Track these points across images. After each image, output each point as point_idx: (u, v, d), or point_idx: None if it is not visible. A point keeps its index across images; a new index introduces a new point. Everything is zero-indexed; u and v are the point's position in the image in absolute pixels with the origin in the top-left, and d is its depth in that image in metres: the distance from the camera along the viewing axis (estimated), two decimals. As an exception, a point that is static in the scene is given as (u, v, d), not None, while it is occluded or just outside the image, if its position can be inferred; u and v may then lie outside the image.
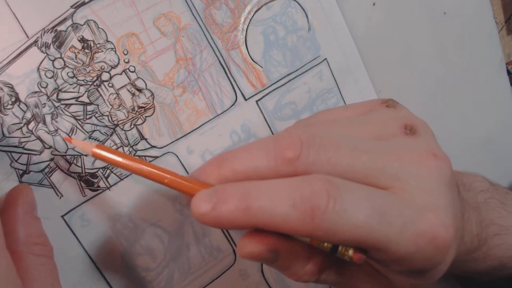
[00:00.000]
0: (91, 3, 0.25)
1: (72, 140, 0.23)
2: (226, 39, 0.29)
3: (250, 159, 0.20)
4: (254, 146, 0.21)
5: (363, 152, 0.21)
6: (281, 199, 0.19)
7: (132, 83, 0.27)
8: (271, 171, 0.20)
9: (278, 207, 0.19)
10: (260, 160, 0.20)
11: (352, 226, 0.19)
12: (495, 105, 0.39)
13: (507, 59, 0.40)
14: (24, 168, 0.25)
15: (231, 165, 0.21)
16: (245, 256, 0.21)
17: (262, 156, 0.20)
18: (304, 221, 0.19)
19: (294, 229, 0.19)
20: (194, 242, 0.29)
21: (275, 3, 0.30)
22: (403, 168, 0.20)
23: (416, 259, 0.20)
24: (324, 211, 0.19)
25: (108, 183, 0.27)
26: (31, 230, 0.23)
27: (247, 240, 0.21)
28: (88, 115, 0.26)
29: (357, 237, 0.19)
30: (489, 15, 0.38)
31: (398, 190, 0.20)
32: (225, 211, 0.19)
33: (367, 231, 0.19)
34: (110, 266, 0.27)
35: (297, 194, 0.19)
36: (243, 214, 0.19)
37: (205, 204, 0.20)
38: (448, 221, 0.20)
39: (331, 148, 0.20)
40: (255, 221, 0.19)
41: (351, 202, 0.19)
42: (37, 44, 0.24)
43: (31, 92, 0.24)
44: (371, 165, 0.20)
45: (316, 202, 0.19)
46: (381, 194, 0.20)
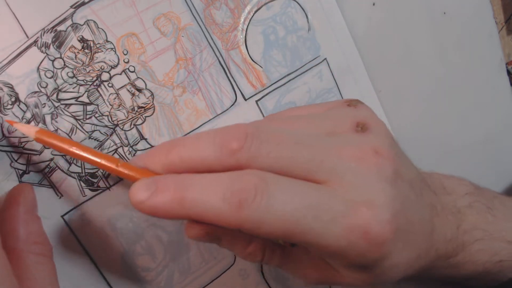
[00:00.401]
0: (91, 3, 0.25)
1: (14, 123, 0.23)
2: (226, 39, 0.29)
3: (197, 148, 0.21)
4: (203, 135, 0.22)
5: (305, 146, 0.21)
6: (213, 193, 0.20)
7: (132, 83, 0.27)
8: (216, 161, 0.21)
9: (210, 200, 0.20)
10: (207, 149, 0.21)
11: (278, 220, 0.20)
12: (495, 105, 0.39)
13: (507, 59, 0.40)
14: (24, 168, 0.25)
15: (179, 152, 0.21)
16: (191, 237, 0.22)
17: (209, 146, 0.21)
18: (233, 214, 0.19)
19: (224, 222, 0.20)
20: (194, 242, 0.29)
21: (275, 3, 0.30)
22: (342, 163, 0.21)
23: (350, 254, 0.21)
24: (251, 204, 0.19)
25: (108, 183, 0.27)
26: (31, 229, 0.23)
27: (191, 224, 0.22)
28: (88, 115, 0.26)
29: (284, 231, 0.20)
30: (489, 15, 0.38)
31: (334, 185, 0.21)
32: (160, 201, 0.20)
33: (293, 225, 0.20)
34: (110, 266, 0.27)
35: (228, 188, 0.20)
36: (177, 205, 0.20)
37: (142, 193, 0.20)
38: (385, 217, 0.20)
39: (274, 142, 0.21)
40: (189, 213, 0.20)
41: (279, 196, 0.20)
42: (37, 44, 0.24)
43: (31, 92, 0.24)
44: (310, 159, 0.21)
45: (244, 196, 0.19)
46: (314, 189, 0.20)
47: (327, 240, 0.20)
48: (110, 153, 0.27)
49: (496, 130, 0.39)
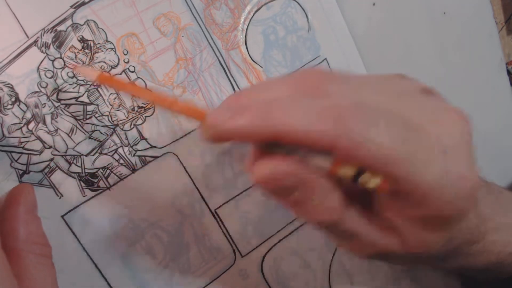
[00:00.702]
0: (91, 3, 0.25)
1: (76, 68, 0.22)
2: (226, 39, 0.29)
3: (273, 91, 0.19)
4: (275, 80, 0.20)
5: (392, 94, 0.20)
6: (305, 106, 0.18)
7: (132, 83, 0.27)
8: None
9: (302, 112, 0.18)
10: (282, 90, 0.19)
11: (378, 142, 0.18)
12: (495, 105, 0.39)
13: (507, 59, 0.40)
14: (24, 168, 0.25)
15: (252, 95, 0.20)
16: (263, 179, 0.19)
17: (283, 87, 0.19)
18: (330, 128, 0.18)
19: (317, 138, 0.18)
20: (194, 242, 0.29)
21: (275, 3, 0.30)
22: (433, 112, 0.20)
23: (445, 196, 0.19)
24: (350, 120, 0.18)
25: (108, 183, 0.27)
26: (31, 229, 0.23)
27: (266, 160, 0.19)
28: (88, 115, 0.26)
29: (386, 158, 0.18)
30: (489, 15, 0.38)
31: (427, 131, 0.20)
32: (244, 117, 0.18)
33: (395, 150, 0.18)
34: (110, 266, 0.27)
35: (324, 106, 0.18)
36: (262, 119, 0.18)
37: (224, 112, 0.18)
38: (473, 166, 0.20)
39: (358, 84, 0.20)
40: (275, 129, 0.18)
41: (381, 117, 0.18)
42: (37, 44, 0.24)
43: (31, 92, 0.24)
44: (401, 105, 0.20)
45: (343, 113, 0.18)
46: (411, 127, 0.19)
47: (425, 175, 0.19)
48: (110, 153, 0.27)
49: (496, 130, 0.39)
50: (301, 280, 0.33)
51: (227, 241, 0.30)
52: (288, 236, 0.32)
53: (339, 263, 0.33)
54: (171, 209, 0.28)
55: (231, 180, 0.30)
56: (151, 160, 0.27)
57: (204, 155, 0.29)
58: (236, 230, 0.30)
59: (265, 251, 0.31)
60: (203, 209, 0.29)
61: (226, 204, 0.30)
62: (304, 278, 0.33)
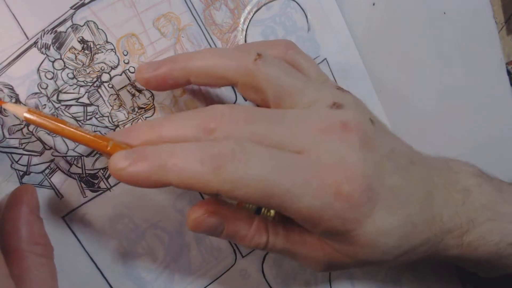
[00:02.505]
0: (91, 4, 0.25)
1: (2, 103, 0.23)
2: (226, 40, 0.29)
3: (176, 127, 0.22)
4: (181, 116, 0.23)
5: (278, 122, 0.22)
6: (192, 157, 0.20)
7: (132, 84, 0.27)
8: (194, 140, 0.22)
9: (190, 164, 0.20)
10: (185, 129, 0.22)
11: (255, 182, 0.20)
12: (495, 105, 0.39)
13: (507, 59, 0.40)
14: (24, 169, 0.25)
15: (158, 131, 0.22)
16: (193, 225, 0.23)
17: (187, 126, 0.22)
18: (211, 176, 0.20)
19: (203, 185, 0.20)
20: (195, 243, 0.29)
21: (274, 4, 0.30)
22: (311, 136, 0.22)
23: (326, 217, 0.21)
24: (228, 166, 0.20)
25: (109, 183, 0.27)
26: (34, 229, 0.23)
27: (193, 209, 0.23)
28: (88, 116, 0.26)
29: (262, 193, 0.21)
30: (489, 15, 0.38)
31: (308, 154, 0.22)
32: (141, 167, 0.20)
33: (270, 187, 0.21)
34: (111, 267, 0.27)
35: (206, 152, 0.20)
36: (158, 170, 0.20)
37: (123, 161, 0.20)
38: (355, 177, 0.21)
39: (248, 120, 0.22)
40: (170, 178, 0.20)
41: (255, 159, 0.21)
42: (37, 45, 0.24)
43: (31, 93, 0.24)
44: (282, 134, 0.22)
45: (222, 158, 0.20)
46: (288, 155, 0.21)
47: (301, 202, 0.21)
48: (110, 154, 0.27)
49: (496, 130, 0.39)
50: (302, 280, 0.33)
51: (228, 241, 0.30)
52: (289, 236, 0.32)
53: (339, 263, 0.33)
54: (172, 210, 0.28)
55: (231, 181, 0.30)
56: (152, 160, 0.27)
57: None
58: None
59: (266, 251, 0.31)
60: (203, 209, 0.29)
61: (226, 205, 0.30)
62: (304, 278, 0.33)
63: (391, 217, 0.23)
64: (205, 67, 0.24)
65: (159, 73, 0.24)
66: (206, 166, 0.20)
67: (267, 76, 0.24)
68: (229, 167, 0.20)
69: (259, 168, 0.20)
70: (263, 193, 0.21)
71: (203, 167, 0.20)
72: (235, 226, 0.24)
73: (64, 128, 0.22)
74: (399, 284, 0.36)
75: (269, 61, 0.24)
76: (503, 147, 0.40)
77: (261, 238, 0.24)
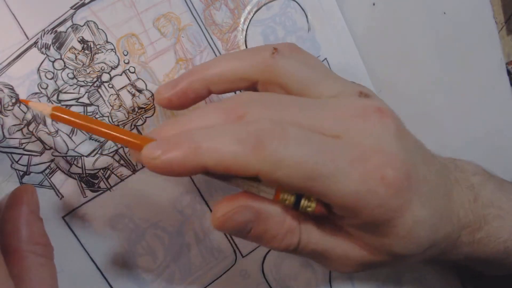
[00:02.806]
0: (91, 4, 0.25)
1: (29, 102, 0.22)
2: (226, 40, 0.29)
3: (205, 118, 0.21)
4: (208, 107, 0.21)
5: (311, 109, 0.21)
6: (229, 138, 0.19)
7: (132, 84, 0.27)
8: None
9: (227, 144, 0.19)
10: (214, 118, 0.21)
11: (297, 162, 0.19)
12: (495, 105, 0.39)
13: (507, 59, 0.40)
14: (24, 169, 0.25)
15: (188, 126, 0.21)
16: (220, 221, 0.21)
17: (216, 115, 0.21)
18: (249, 156, 0.19)
19: (243, 166, 0.19)
20: (195, 243, 0.29)
21: (274, 4, 0.30)
22: (348, 121, 0.21)
23: (371, 203, 0.20)
24: (268, 145, 0.19)
25: (109, 184, 0.27)
26: (34, 229, 0.23)
27: (220, 204, 0.21)
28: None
29: (303, 177, 0.19)
30: (489, 15, 0.38)
31: (346, 138, 0.21)
32: (175, 153, 0.19)
33: (313, 167, 0.19)
34: (111, 267, 0.27)
35: (244, 132, 0.19)
36: (193, 155, 0.19)
37: (156, 150, 0.20)
38: (397, 163, 0.20)
39: (280, 106, 0.21)
40: (206, 161, 0.19)
41: (295, 139, 0.19)
42: (37, 45, 0.24)
43: (32, 93, 0.24)
44: (317, 119, 0.21)
45: (261, 137, 0.19)
46: (328, 138, 0.20)
47: (347, 187, 0.20)
48: (110, 154, 0.27)
49: (496, 130, 0.39)
50: (302, 279, 0.33)
51: (228, 241, 0.30)
52: (289, 236, 0.32)
53: (340, 263, 0.33)
54: (172, 210, 0.28)
55: (231, 181, 0.30)
56: (152, 160, 0.27)
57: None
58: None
59: (266, 251, 0.31)
60: (203, 209, 0.29)
61: (226, 205, 0.30)
62: (304, 278, 0.33)
63: (424, 208, 0.22)
64: (224, 72, 0.23)
65: (179, 89, 0.23)
66: (245, 145, 0.19)
67: (288, 68, 0.23)
68: (269, 146, 0.19)
69: (301, 149, 0.19)
70: (306, 175, 0.19)
71: (241, 147, 0.19)
72: (266, 225, 0.22)
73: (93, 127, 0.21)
74: (399, 284, 0.36)
75: (287, 54, 0.23)
76: (503, 147, 0.40)
77: (293, 238, 0.22)
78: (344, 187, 0.20)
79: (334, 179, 0.20)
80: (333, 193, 0.20)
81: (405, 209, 0.21)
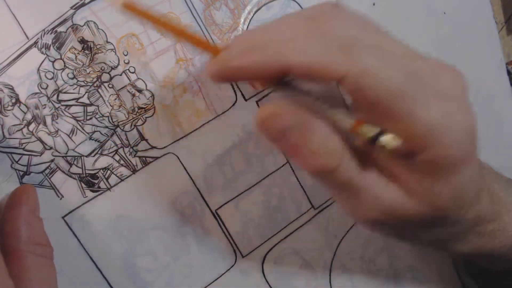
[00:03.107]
0: (91, 4, 0.25)
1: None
2: (226, 40, 0.29)
3: (287, 28, 0.20)
4: (289, 17, 0.21)
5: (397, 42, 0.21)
6: (315, 39, 0.19)
7: (132, 84, 0.27)
8: None
9: (313, 45, 0.18)
10: (297, 28, 0.20)
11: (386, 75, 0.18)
12: (495, 105, 0.39)
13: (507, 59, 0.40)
14: (24, 169, 0.25)
15: (265, 34, 0.20)
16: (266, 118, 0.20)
17: (299, 25, 0.20)
18: (338, 56, 0.18)
19: (329, 65, 0.18)
20: (195, 243, 0.29)
21: (274, 4, 0.30)
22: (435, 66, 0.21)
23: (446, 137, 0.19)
24: (359, 50, 0.18)
25: (109, 184, 0.27)
26: (33, 229, 0.23)
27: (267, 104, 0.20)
28: (88, 116, 0.26)
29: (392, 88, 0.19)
30: (489, 15, 0.38)
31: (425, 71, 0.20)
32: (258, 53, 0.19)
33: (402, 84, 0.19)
34: (111, 267, 0.27)
35: (331, 37, 0.19)
36: (277, 55, 0.19)
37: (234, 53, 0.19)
38: (472, 119, 0.20)
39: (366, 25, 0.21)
40: (290, 60, 0.18)
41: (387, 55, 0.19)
42: (37, 45, 0.24)
43: (32, 93, 0.24)
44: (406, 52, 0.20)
45: (351, 44, 0.18)
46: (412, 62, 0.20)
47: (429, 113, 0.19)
48: (110, 154, 0.27)
49: (496, 130, 0.39)
50: (302, 280, 0.33)
51: (228, 241, 0.30)
52: (289, 236, 0.32)
53: (340, 262, 0.33)
54: (172, 210, 0.28)
55: (231, 180, 0.30)
56: (152, 160, 0.27)
57: (204, 155, 0.29)
58: (237, 230, 0.30)
59: (266, 251, 0.31)
60: (203, 209, 0.29)
61: (226, 205, 0.30)
62: (304, 278, 0.33)
63: (477, 172, 0.22)
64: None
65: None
66: (334, 47, 0.18)
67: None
68: (361, 54, 0.18)
69: (392, 66, 0.19)
70: (393, 92, 0.18)
71: (329, 47, 0.18)
72: (310, 135, 0.20)
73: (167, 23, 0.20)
74: (399, 284, 0.36)
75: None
76: (503, 147, 0.40)
77: (333, 159, 0.20)
78: (426, 113, 0.19)
79: (419, 103, 0.19)
80: (414, 117, 0.19)
81: (472, 160, 0.21)
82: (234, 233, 0.30)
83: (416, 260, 0.36)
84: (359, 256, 0.34)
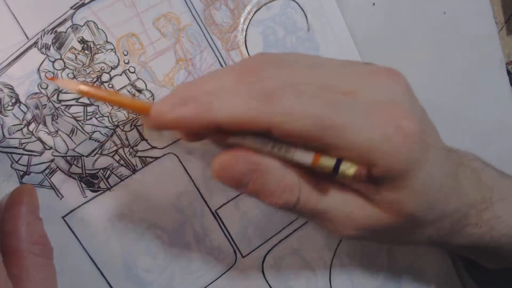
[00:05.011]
0: (91, 4, 0.25)
1: (55, 79, 0.23)
2: (226, 40, 0.29)
3: (217, 81, 0.21)
4: (219, 71, 0.21)
5: (320, 69, 0.21)
6: (240, 94, 0.19)
7: (132, 84, 0.27)
8: None
9: (238, 99, 0.19)
10: (225, 79, 0.20)
11: (310, 113, 0.19)
12: (495, 105, 0.39)
13: (507, 59, 0.40)
14: (24, 169, 0.25)
15: (202, 88, 0.21)
16: (219, 169, 0.21)
17: (228, 78, 0.21)
18: (263, 108, 0.19)
19: (255, 119, 0.19)
20: (195, 242, 0.29)
21: (274, 4, 0.30)
22: (362, 77, 0.21)
23: (385, 150, 0.20)
24: (281, 96, 0.19)
25: (109, 183, 0.27)
26: (33, 230, 0.23)
27: (219, 156, 0.21)
28: (88, 116, 0.26)
29: (317, 123, 0.19)
30: (489, 15, 0.38)
31: (359, 94, 0.20)
32: (186, 109, 0.19)
33: (327, 117, 0.19)
34: (111, 267, 0.27)
35: (256, 89, 0.19)
36: (204, 110, 0.19)
37: (167, 106, 0.20)
38: (412, 116, 0.20)
39: (291, 65, 0.21)
40: (217, 116, 0.19)
41: (307, 94, 0.19)
42: (37, 45, 0.24)
43: (32, 93, 0.24)
44: (327, 78, 0.21)
45: (273, 91, 0.19)
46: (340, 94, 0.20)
47: (361, 134, 0.19)
48: (110, 154, 0.27)
49: (496, 130, 0.39)
50: (302, 280, 0.33)
51: (228, 241, 0.30)
52: (289, 236, 0.32)
53: (340, 262, 0.33)
54: (172, 210, 0.28)
55: (231, 181, 0.30)
56: (152, 160, 0.27)
57: (204, 155, 0.29)
58: (237, 231, 0.30)
59: (266, 251, 0.31)
60: (203, 209, 0.29)
61: (226, 205, 0.30)
62: (304, 278, 0.33)
63: (438, 169, 0.22)
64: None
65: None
66: (257, 99, 0.19)
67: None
68: (281, 98, 0.19)
69: (313, 101, 0.19)
70: (319, 125, 0.19)
71: (254, 101, 0.19)
72: (264, 179, 0.21)
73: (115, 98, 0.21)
74: (399, 284, 0.36)
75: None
76: (503, 147, 0.40)
77: (292, 195, 0.21)
78: (357, 135, 0.19)
79: (348, 128, 0.19)
80: (348, 142, 0.20)
81: (422, 162, 0.21)
82: (234, 233, 0.30)
83: (416, 260, 0.36)
84: (359, 256, 0.34)
